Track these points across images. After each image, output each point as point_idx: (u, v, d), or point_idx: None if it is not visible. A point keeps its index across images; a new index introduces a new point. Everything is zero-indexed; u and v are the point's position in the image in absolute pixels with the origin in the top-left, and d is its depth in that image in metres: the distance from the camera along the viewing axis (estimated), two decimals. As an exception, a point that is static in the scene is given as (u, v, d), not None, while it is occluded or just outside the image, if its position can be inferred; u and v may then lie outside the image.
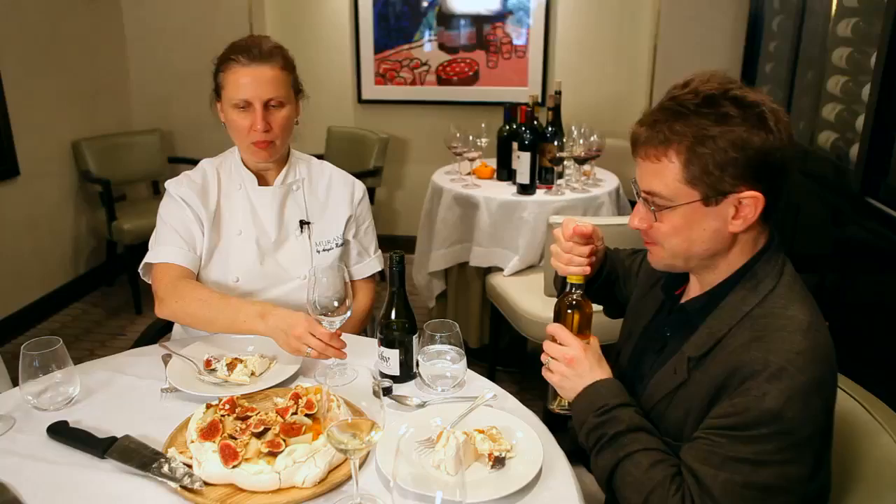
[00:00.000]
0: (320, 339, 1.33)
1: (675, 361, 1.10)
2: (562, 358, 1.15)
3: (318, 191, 1.71)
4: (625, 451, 1.06)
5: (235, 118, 1.55)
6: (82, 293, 3.92)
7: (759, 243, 1.08)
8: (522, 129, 2.83)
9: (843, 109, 2.50)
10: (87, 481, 1.08)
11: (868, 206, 2.16)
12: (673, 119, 1.02)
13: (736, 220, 1.03)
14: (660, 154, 1.04)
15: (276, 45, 1.57)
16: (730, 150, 0.99)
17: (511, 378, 2.96)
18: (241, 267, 1.62)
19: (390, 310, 1.35)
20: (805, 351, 0.96)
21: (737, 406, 0.97)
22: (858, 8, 2.42)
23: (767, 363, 0.96)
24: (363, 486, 1.06)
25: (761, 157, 1.00)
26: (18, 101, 3.39)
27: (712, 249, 1.07)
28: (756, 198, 1.01)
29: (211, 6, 4.19)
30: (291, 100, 1.59)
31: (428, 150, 4.38)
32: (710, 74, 1.05)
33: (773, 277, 1.06)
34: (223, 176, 1.66)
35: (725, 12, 3.72)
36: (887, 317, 1.98)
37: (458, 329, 1.33)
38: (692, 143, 1.00)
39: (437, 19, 4.28)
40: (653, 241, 1.12)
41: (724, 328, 1.04)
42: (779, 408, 0.94)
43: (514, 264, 2.77)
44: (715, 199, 1.02)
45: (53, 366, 1.27)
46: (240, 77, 1.51)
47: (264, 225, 1.64)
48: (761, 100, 1.02)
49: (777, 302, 1.03)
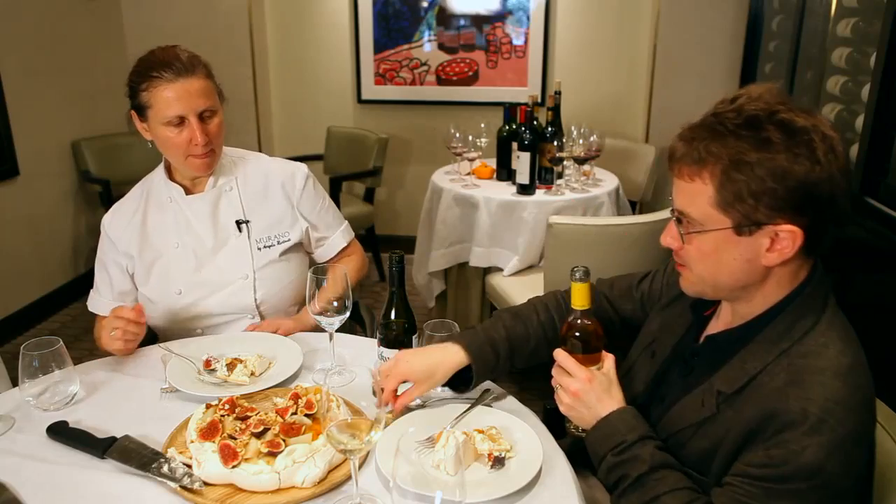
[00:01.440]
0: (121, 316, 1.42)
1: (703, 393, 1.04)
2: (567, 389, 1.10)
3: (254, 188, 1.67)
4: (651, 493, 1.00)
5: (169, 135, 1.51)
6: (82, 293, 3.88)
7: (800, 276, 1.01)
8: (522, 129, 2.83)
9: (843, 109, 2.50)
10: (86, 481, 1.08)
11: (867, 206, 2.16)
12: (710, 138, 0.94)
13: (770, 254, 0.96)
14: (693, 174, 0.97)
15: (192, 53, 1.54)
16: (768, 179, 0.91)
17: (511, 378, 2.95)
18: (181, 278, 1.61)
19: (390, 310, 1.35)
20: (845, 399, 0.90)
21: (774, 458, 0.91)
22: (858, 8, 2.42)
23: (807, 414, 0.90)
24: (363, 486, 1.06)
25: (804, 190, 0.91)
26: (18, 101, 3.39)
27: (743, 281, 1.00)
28: (794, 232, 0.93)
29: (211, 6, 4.19)
30: (219, 106, 1.57)
31: (428, 150, 4.38)
32: (766, 90, 0.96)
33: (815, 314, 0.99)
34: (152, 195, 1.65)
35: (725, 12, 3.72)
36: (887, 317, 1.98)
37: (458, 329, 1.33)
38: (727, 166, 0.93)
39: (436, 19, 4.28)
40: (683, 264, 1.06)
41: (759, 365, 0.98)
42: (819, 463, 0.88)
43: (513, 264, 2.77)
44: (748, 229, 0.95)
45: (53, 366, 1.27)
46: (168, 93, 1.47)
47: (199, 233, 1.62)
48: (813, 125, 0.92)
49: (817, 340, 0.96)
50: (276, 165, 1.73)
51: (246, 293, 1.62)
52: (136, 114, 1.55)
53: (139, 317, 1.44)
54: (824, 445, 0.89)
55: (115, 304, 1.63)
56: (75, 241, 3.90)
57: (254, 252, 1.64)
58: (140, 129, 1.57)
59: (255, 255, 1.64)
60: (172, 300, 1.61)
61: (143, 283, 1.63)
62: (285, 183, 1.70)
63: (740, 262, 0.98)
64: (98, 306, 1.67)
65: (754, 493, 0.92)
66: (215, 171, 1.63)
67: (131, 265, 1.64)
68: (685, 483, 1.01)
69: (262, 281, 1.64)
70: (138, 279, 1.64)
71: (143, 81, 1.49)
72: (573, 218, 2.48)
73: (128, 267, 1.64)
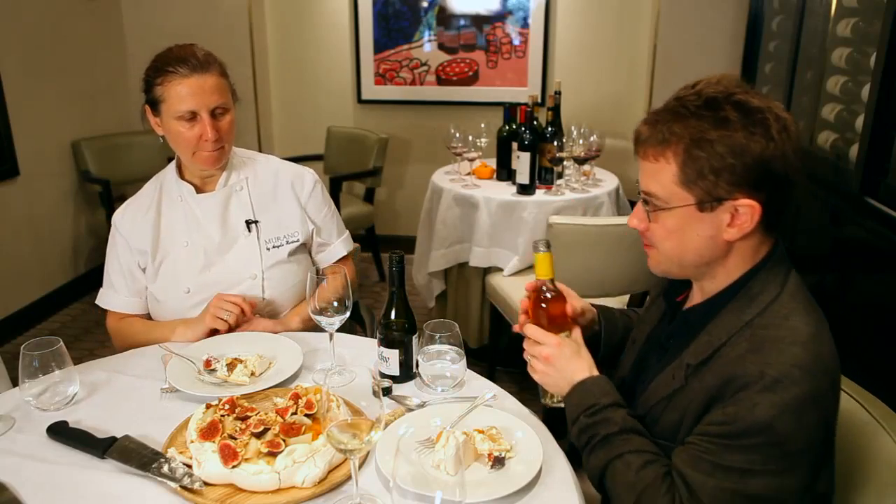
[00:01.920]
0: (233, 301, 1.53)
1: (675, 367, 1.09)
2: (539, 356, 1.16)
3: (264, 188, 1.69)
4: (616, 451, 1.06)
5: (181, 130, 1.53)
6: (82, 293, 3.92)
7: (761, 253, 1.06)
8: (522, 129, 2.83)
9: (843, 109, 2.50)
10: (86, 481, 1.08)
11: (868, 206, 2.16)
12: (673, 120, 1.01)
13: (731, 228, 1.01)
14: (658, 154, 1.02)
15: (207, 51, 1.56)
16: (727, 155, 0.97)
17: (511, 378, 2.96)
18: (190, 277, 1.62)
19: (390, 310, 1.35)
20: (803, 363, 0.94)
21: (728, 414, 0.96)
22: (858, 8, 2.42)
23: (763, 375, 0.94)
24: (363, 486, 1.06)
25: (761, 166, 0.97)
26: (18, 102, 3.39)
27: (706, 257, 1.05)
28: (753, 207, 0.99)
29: (211, 6, 4.20)
30: (232, 104, 1.59)
31: (428, 150, 4.38)
32: (721, 77, 1.03)
33: (776, 287, 1.03)
34: (164, 192, 1.66)
35: (725, 12, 3.72)
36: (887, 317, 1.98)
37: (458, 329, 1.33)
38: (689, 145, 0.99)
39: (436, 19, 4.28)
40: (650, 244, 1.11)
41: (724, 337, 1.03)
42: (769, 419, 0.92)
43: (513, 264, 2.77)
44: (710, 205, 1.00)
45: (53, 366, 1.27)
46: (182, 88, 1.50)
47: (209, 232, 1.63)
48: (767, 105, 0.99)
49: (779, 312, 1.01)
50: (286, 167, 1.75)
51: (254, 293, 1.63)
52: (150, 108, 1.57)
53: (249, 307, 1.55)
54: (776, 404, 0.93)
55: (132, 300, 1.65)
56: (75, 241, 3.90)
57: (262, 252, 1.65)
58: (153, 123, 1.59)
59: (263, 255, 1.65)
60: (180, 299, 1.61)
61: (152, 281, 1.63)
62: (295, 183, 1.71)
63: (703, 237, 1.03)
64: (112, 302, 1.67)
65: (710, 448, 0.97)
66: (226, 170, 1.64)
67: (143, 261, 1.64)
68: (649, 447, 1.07)
69: (270, 281, 1.64)
70: (148, 277, 1.64)
71: (158, 76, 1.52)
72: (573, 218, 2.48)
73: (140, 262, 1.64)
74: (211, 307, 1.54)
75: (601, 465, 1.07)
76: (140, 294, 1.66)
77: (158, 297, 1.63)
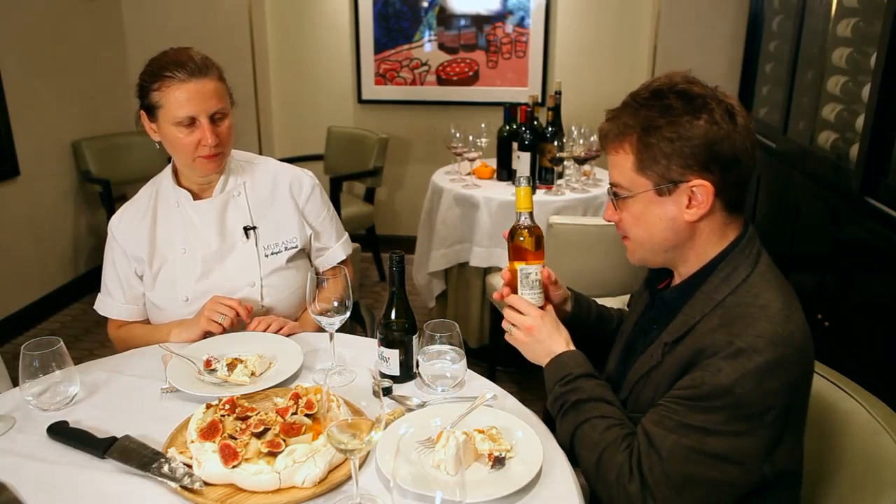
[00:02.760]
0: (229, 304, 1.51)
1: (654, 347, 1.15)
2: (521, 326, 1.23)
3: (261, 192, 1.66)
4: (584, 416, 1.13)
5: (179, 136, 1.50)
6: (82, 293, 3.92)
7: (730, 234, 1.12)
8: (522, 129, 2.83)
9: (843, 109, 2.50)
10: (86, 481, 1.08)
11: (868, 206, 2.16)
12: (626, 113, 1.10)
13: (690, 210, 1.08)
14: (617, 147, 1.11)
15: (204, 56, 1.53)
16: (675, 140, 1.04)
17: (511, 378, 2.96)
18: (188, 285, 1.59)
19: (390, 310, 1.35)
20: (768, 335, 0.99)
21: (695, 379, 1.02)
22: (858, 8, 2.42)
23: (731, 344, 1.00)
24: (363, 486, 1.06)
25: (707, 147, 1.04)
26: (18, 101, 3.39)
27: (673, 240, 1.12)
28: (705, 186, 1.06)
29: (211, 6, 4.20)
30: (230, 109, 1.56)
31: (428, 150, 4.38)
32: (675, 73, 1.11)
33: (748, 267, 1.09)
34: (160, 198, 1.63)
35: (725, 12, 3.72)
36: (887, 317, 1.98)
37: (458, 329, 1.33)
38: (641, 134, 1.07)
39: (437, 19, 4.28)
40: (624, 234, 1.19)
41: (698, 315, 1.08)
42: (730, 383, 0.98)
43: (514, 264, 2.77)
44: (667, 189, 1.08)
45: (53, 366, 1.27)
46: (181, 93, 1.47)
47: (206, 239, 1.60)
48: (710, 94, 1.06)
49: (749, 291, 1.06)
50: (284, 170, 1.72)
51: (253, 300, 1.61)
52: (146, 114, 1.54)
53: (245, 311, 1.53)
54: (738, 370, 0.98)
55: (128, 307, 1.64)
56: (75, 241, 3.90)
57: (261, 259, 1.63)
58: (148, 129, 1.56)
59: (262, 262, 1.62)
60: (179, 307, 1.59)
61: (150, 289, 1.61)
62: (293, 186, 1.69)
63: (666, 220, 1.10)
64: (110, 310, 1.66)
65: (676, 409, 1.03)
66: (223, 175, 1.62)
67: (140, 268, 1.62)
68: (616, 414, 1.13)
69: (269, 288, 1.62)
70: (146, 284, 1.62)
71: (155, 81, 1.48)
72: (573, 218, 2.48)
73: (137, 270, 1.62)
74: (206, 310, 1.52)
75: (571, 430, 1.14)
76: (137, 301, 1.65)
77: (158, 304, 1.61)
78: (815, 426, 1.17)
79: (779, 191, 2.98)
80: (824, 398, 1.21)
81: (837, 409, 1.18)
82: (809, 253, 2.58)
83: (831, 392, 1.20)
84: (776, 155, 3.07)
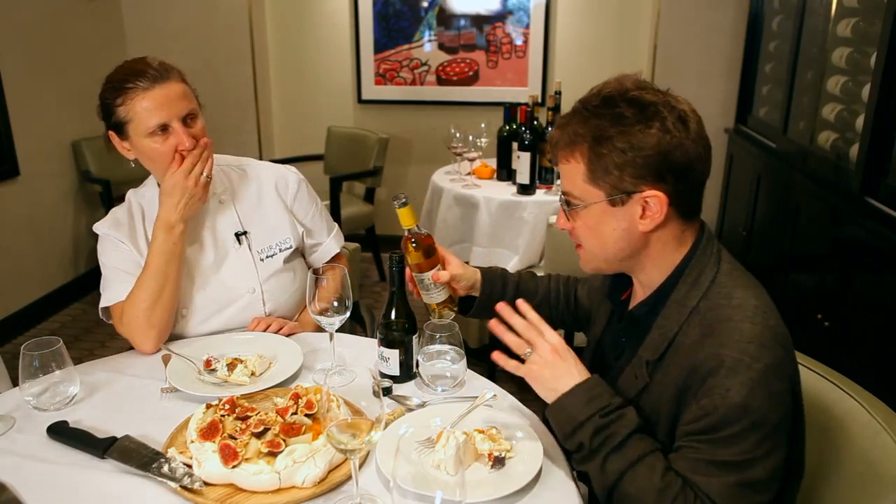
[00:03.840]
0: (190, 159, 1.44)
1: (634, 366, 1.10)
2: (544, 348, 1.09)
3: (248, 196, 1.63)
4: (636, 453, 1.02)
5: (155, 146, 1.43)
6: (82, 293, 3.92)
7: (688, 239, 1.09)
8: (522, 129, 2.83)
9: (843, 109, 2.50)
10: (86, 481, 1.08)
11: (868, 206, 2.16)
12: (576, 121, 1.05)
13: (644, 220, 1.04)
14: (568, 156, 1.06)
15: (161, 60, 1.47)
16: (627, 150, 1.00)
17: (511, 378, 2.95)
18: (184, 299, 1.54)
19: (390, 310, 1.35)
20: (755, 338, 0.97)
21: (705, 407, 0.97)
22: (858, 8, 2.42)
23: (722, 358, 0.97)
24: (363, 486, 1.06)
25: (660, 157, 1.00)
26: (18, 101, 3.39)
27: (627, 249, 1.08)
28: (659, 197, 1.02)
29: (211, 6, 4.20)
30: (199, 109, 1.50)
31: (428, 150, 4.38)
32: (626, 77, 1.06)
33: (712, 267, 1.06)
34: (147, 209, 1.57)
35: (725, 12, 3.72)
36: (887, 317, 1.98)
37: (458, 329, 1.33)
38: (592, 143, 1.02)
39: (437, 19, 4.28)
40: (578, 243, 1.14)
41: (674, 326, 1.05)
42: (742, 400, 0.95)
43: (514, 264, 2.77)
44: (620, 199, 1.04)
45: (53, 366, 1.27)
46: (147, 102, 1.40)
47: (199, 249, 1.56)
48: (662, 101, 1.01)
49: (720, 291, 1.04)
50: (268, 170, 1.68)
51: (255, 307, 1.59)
52: (115, 133, 1.48)
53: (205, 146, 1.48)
54: (745, 383, 0.95)
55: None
56: (75, 241, 3.90)
57: (257, 264, 1.59)
58: (121, 149, 1.50)
59: (258, 266, 1.60)
60: (179, 322, 1.55)
61: None
62: (279, 186, 1.65)
63: (619, 231, 1.06)
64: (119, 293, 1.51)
65: (701, 447, 0.98)
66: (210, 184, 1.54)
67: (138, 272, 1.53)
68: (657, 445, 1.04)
69: (269, 293, 1.60)
70: None
71: (118, 96, 1.43)
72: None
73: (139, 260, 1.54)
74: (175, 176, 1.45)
75: (621, 469, 1.02)
76: None
77: None
78: (815, 426, 1.17)
79: (779, 191, 2.98)
80: (824, 398, 1.20)
81: (837, 409, 1.17)
82: (809, 253, 2.58)
83: (831, 392, 1.20)
84: (776, 155, 3.07)
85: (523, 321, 1.14)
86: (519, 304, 1.16)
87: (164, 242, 1.47)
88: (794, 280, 2.71)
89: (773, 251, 2.97)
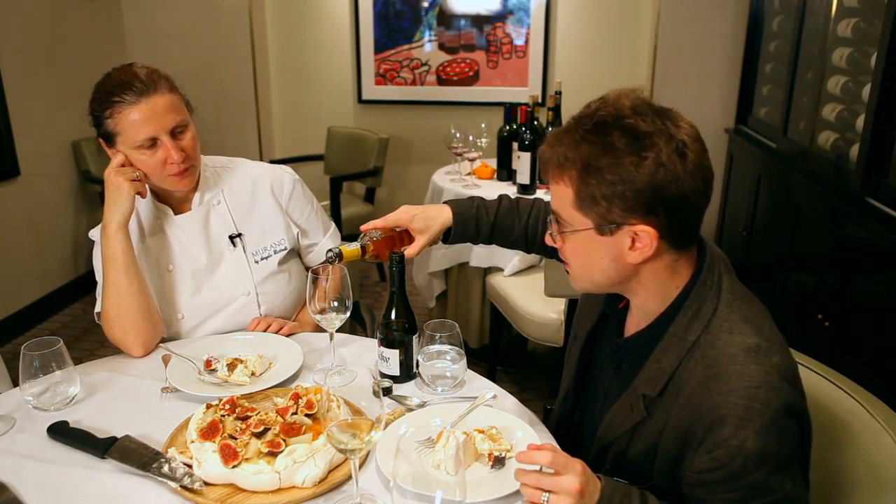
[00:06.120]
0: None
1: (630, 398, 1.06)
2: (566, 491, 0.93)
3: (242, 198, 1.61)
4: None
5: (144, 158, 1.43)
6: (82, 293, 3.92)
7: (682, 269, 1.03)
8: (523, 129, 2.83)
9: (843, 109, 2.50)
10: (87, 481, 1.09)
11: (868, 206, 2.16)
12: (567, 144, 0.99)
13: (633, 252, 0.99)
14: (557, 177, 1.01)
15: (150, 69, 1.45)
16: (616, 183, 0.94)
17: (511, 378, 2.95)
18: (181, 303, 1.55)
19: (390, 310, 1.35)
20: (763, 381, 0.93)
21: (720, 459, 0.93)
22: (858, 8, 2.42)
23: (733, 407, 0.93)
24: (363, 486, 1.06)
25: (651, 192, 0.94)
26: (18, 101, 3.39)
27: (614, 278, 1.04)
28: (649, 232, 0.96)
29: (211, 6, 4.20)
30: (189, 119, 1.49)
31: (428, 150, 4.38)
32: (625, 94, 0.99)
33: (712, 299, 1.01)
34: (141, 215, 1.56)
35: (725, 12, 3.72)
36: (887, 317, 1.98)
37: (458, 329, 1.33)
38: (580, 171, 0.97)
39: (437, 19, 4.28)
40: (566, 261, 1.10)
41: (674, 361, 1.01)
42: (761, 448, 0.92)
43: (514, 264, 2.77)
44: (608, 229, 0.98)
45: (53, 366, 1.27)
46: (134, 115, 1.39)
47: (193, 253, 1.56)
48: (658, 129, 0.94)
49: (721, 326, 0.99)
50: (262, 170, 1.67)
51: (250, 309, 1.58)
52: (105, 142, 1.47)
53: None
54: (759, 431, 0.92)
55: None
56: (75, 241, 3.90)
57: (251, 266, 1.59)
58: (112, 156, 1.48)
59: (253, 269, 1.59)
60: (175, 325, 1.56)
61: None
62: (274, 187, 1.64)
63: (607, 260, 1.02)
64: None
65: (722, 498, 0.95)
66: (200, 186, 1.56)
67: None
68: None
69: (264, 295, 1.59)
70: None
71: (105, 108, 1.41)
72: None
73: None
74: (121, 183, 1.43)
75: None
76: None
77: None
78: (815, 426, 1.17)
79: (779, 191, 2.98)
80: (824, 398, 1.20)
81: (838, 410, 1.18)
82: (810, 253, 2.58)
83: (831, 392, 1.20)
84: (776, 155, 3.08)
85: (536, 473, 0.96)
86: (536, 459, 0.97)
87: (102, 247, 1.47)
88: (794, 280, 2.71)
89: (773, 251, 2.97)
